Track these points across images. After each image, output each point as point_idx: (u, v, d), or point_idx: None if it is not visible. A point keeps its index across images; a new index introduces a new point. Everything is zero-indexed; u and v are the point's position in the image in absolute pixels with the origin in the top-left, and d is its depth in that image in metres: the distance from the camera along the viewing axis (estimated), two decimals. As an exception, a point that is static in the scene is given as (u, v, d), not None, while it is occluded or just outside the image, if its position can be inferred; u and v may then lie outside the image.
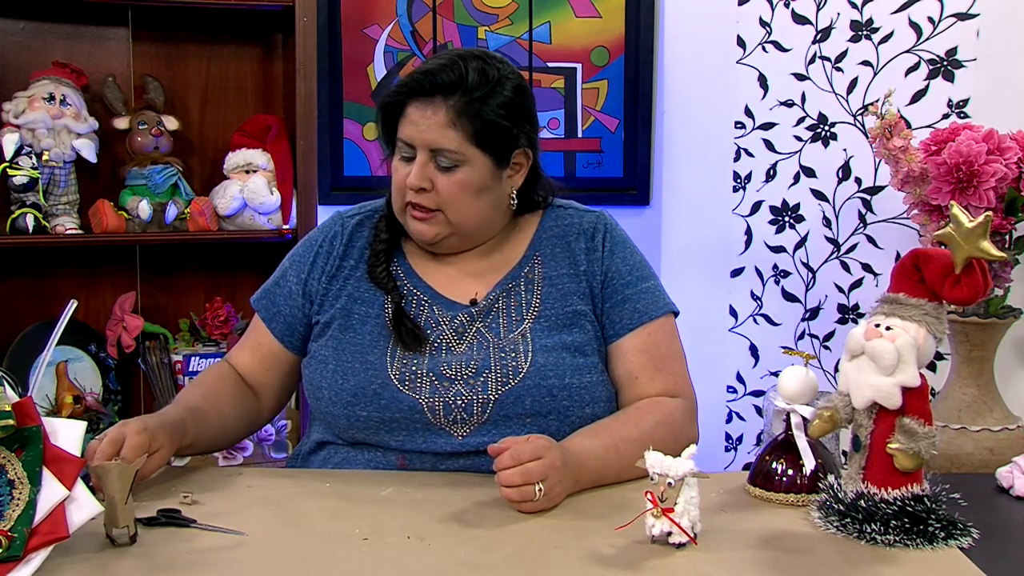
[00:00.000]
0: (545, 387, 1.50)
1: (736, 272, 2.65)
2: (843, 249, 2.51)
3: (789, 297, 2.60)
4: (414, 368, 1.51)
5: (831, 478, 1.33)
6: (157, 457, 1.37)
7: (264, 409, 1.68)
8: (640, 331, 1.58)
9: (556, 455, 1.34)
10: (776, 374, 1.75)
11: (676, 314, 1.64)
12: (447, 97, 1.49)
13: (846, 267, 2.51)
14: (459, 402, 1.49)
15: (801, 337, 2.59)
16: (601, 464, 1.42)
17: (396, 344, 1.53)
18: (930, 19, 2.35)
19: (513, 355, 1.51)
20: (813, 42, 2.50)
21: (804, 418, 1.39)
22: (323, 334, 1.59)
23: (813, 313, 2.57)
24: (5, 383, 1.16)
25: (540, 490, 1.31)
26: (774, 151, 2.58)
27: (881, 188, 2.42)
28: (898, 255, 2.40)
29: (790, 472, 1.40)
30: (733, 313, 2.67)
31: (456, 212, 1.53)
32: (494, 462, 1.33)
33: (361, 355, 1.53)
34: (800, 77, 2.52)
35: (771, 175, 2.59)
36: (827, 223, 2.52)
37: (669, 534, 1.21)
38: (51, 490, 1.13)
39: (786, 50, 2.53)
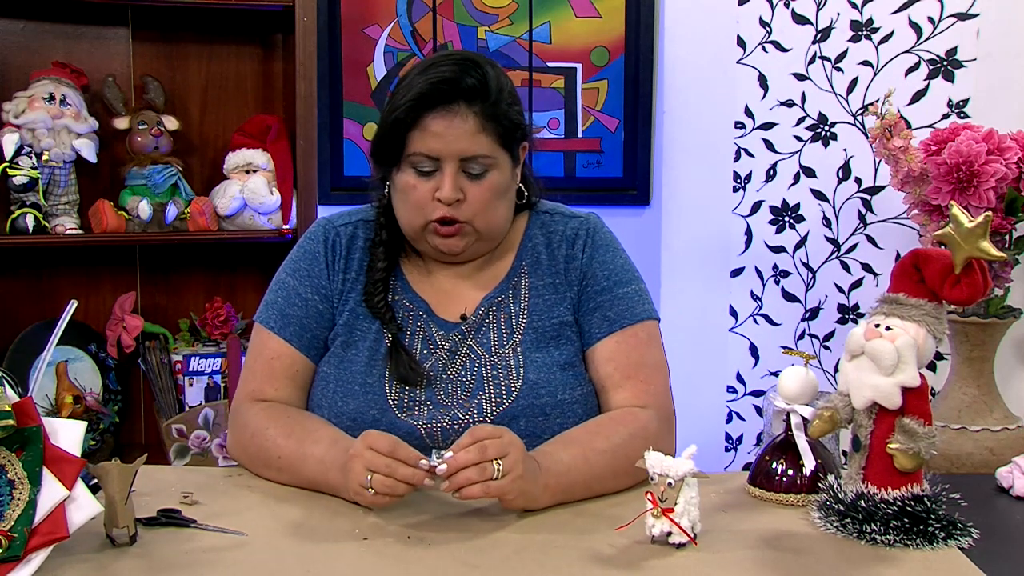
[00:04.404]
0: (538, 406, 1.48)
1: (736, 272, 2.66)
2: (843, 249, 2.51)
3: (789, 297, 2.60)
4: (412, 395, 1.49)
5: (831, 478, 1.33)
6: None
7: None
8: (608, 340, 1.54)
9: (516, 438, 1.30)
10: (776, 374, 1.75)
11: (657, 320, 1.59)
12: (470, 103, 1.44)
13: (846, 267, 2.51)
14: (456, 427, 1.46)
15: (801, 337, 2.59)
16: (567, 470, 1.37)
17: (393, 374, 1.50)
18: (930, 19, 2.35)
19: (504, 372, 1.50)
20: (813, 42, 2.50)
21: (804, 418, 1.39)
22: (328, 349, 1.57)
23: (813, 313, 2.57)
24: (5, 383, 1.16)
25: (499, 468, 1.26)
26: (774, 151, 2.58)
27: (881, 188, 2.42)
28: (898, 255, 2.40)
29: (790, 472, 1.40)
30: (733, 313, 2.67)
31: (485, 219, 1.49)
32: (453, 446, 1.28)
33: (361, 376, 1.51)
34: (800, 77, 2.52)
35: (771, 175, 2.59)
36: (827, 223, 2.52)
37: (669, 534, 1.21)
38: (51, 490, 1.13)
39: (786, 50, 2.53)
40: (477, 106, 1.44)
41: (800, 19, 2.51)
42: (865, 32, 2.43)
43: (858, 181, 2.47)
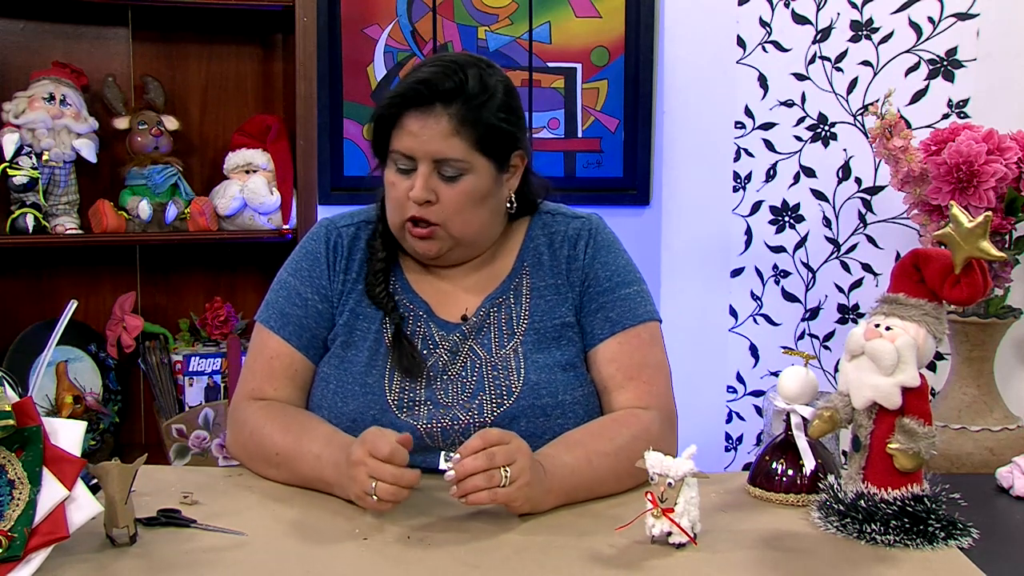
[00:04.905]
0: (539, 407, 1.48)
1: (736, 272, 2.66)
2: (843, 249, 2.51)
3: (789, 297, 2.60)
4: (412, 395, 1.49)
5: (831, 478, 1.33)
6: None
7: None
8: (611, 341, 1.54)
9: (524, 444, 1.31)
10: (776, 374, 1.75)
11: (659, 321, 1.59)
12: (447, 105, 1.44)
13: (846, 267, 2.51)
14: (456, 427, 1.47)
15: (801, 337, 2.59)
16: (571, 473, 1.37)
17: (395, 366, 1.51)
18: (930, 19, 2.35)
19: (505, 373, 1.50)
20: (813, 42, 2.50)
21: (804, 418, 1.39)
22: (328, 349, 1.57)
23: (813, 313, 2.57)
24: (5, 383, 1.16)
25: (507, 475, 1.26)
26: (774, 151, 2.58)
27: (881, 188, 2.42)
28: (898, 255, 2.40)
29: (790, 472, 1.40)
30: (733, 313, 2.67)
31: (458, 224, 1.49)
32: (461, 449, 1.28)
33: (361, 376, 1.51)
34: (800, 77, 2.52)
35: (771, 175, 2.59)
36: (827, 223, 2.52)
37: (669, 534, 1.21)
38: (51, 490, 1.13)
39: (786, 50, 2.53)
40: (453, 109, 1.45)
41: (800, 19, 2.51)
42: (865, 32, 2.43)
43: (858, 181, 2.47)
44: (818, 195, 2.53)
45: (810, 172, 2.53)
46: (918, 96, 2.37)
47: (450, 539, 1.26)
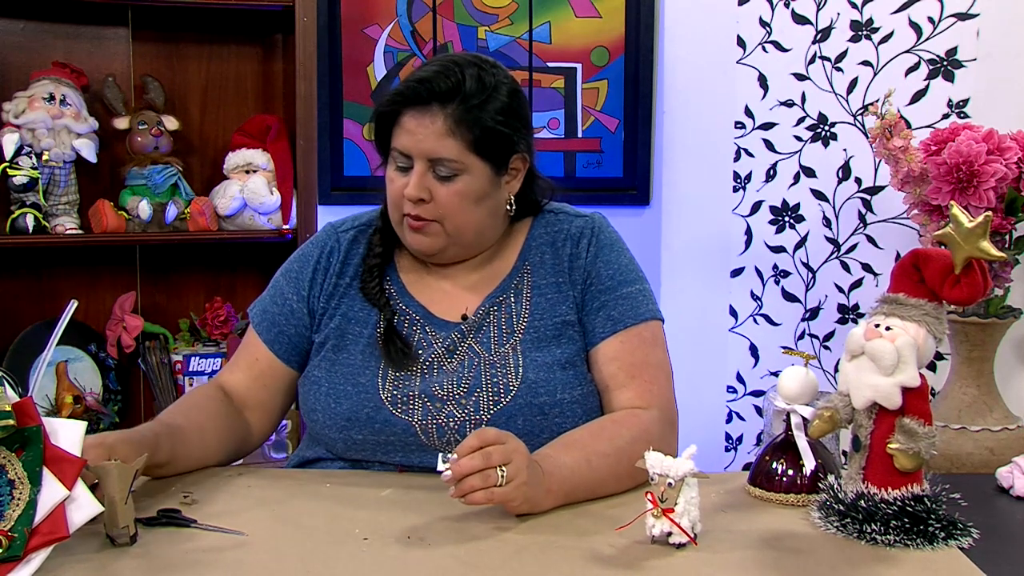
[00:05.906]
0: (536, 405, 1.48)
1: (736, 272, 2.66)
2: (843, 249, 2.51)
3: (789, 297, 2.60)
4: (406, 390, 1.49)
5: (831, 478, 1.33)
6: None
7: (255, 430, 1.61)
8: (613, 339, 1.54)
9: (520, 444, 1.30)
10: (776, 374, 1.75)
11: (661, 321, 1.59)
12: (444, 105, 1.45)
13: (846, 267, 2.51)
14: (451, 424, 1.47)
15: (801, 337, 2.59)
16: (570, 474, 1.36)
17: (387, 364, 1.50)
18: (930, 19, 2.35)
19: (503, 371, 1.49)
20: (813, 42, 2.50)
21: (804, 418, 1.39)
22: (317, 353, 1.57)
23: (813, 313, 2.57)
24: (5, 383, 1.16)
25: (503, 475, 1.25)
26: (774, 151, 2.58)
27: (881, 188, 2.42)
28: (898, 255, 2.40)
29: (790, 472, 1.40)
30: (733, 313, 2.67)
31: (455, 222, 1.50)
32: (457, 449, 1.27)
33: (353, 377, 1.51)
34: (800, 77, 2.52)
35: (771, 175, 2.59)
36: (827, 223, 2.52)
37: (669, 534, 1.21)
38: (51, 490, 1.13)
39: (786, 50, 2.53)
40: (450, 109, 1.45)
41: (800, 19, 2.51)
42: (865, 32, 2.43)
43: (858, 181, 2.47)
44: (818, 195, 2.53)
45: (810, 172, 2.53)
46: (918, 96, 2.37)
47: (450, 539, 1.25)
